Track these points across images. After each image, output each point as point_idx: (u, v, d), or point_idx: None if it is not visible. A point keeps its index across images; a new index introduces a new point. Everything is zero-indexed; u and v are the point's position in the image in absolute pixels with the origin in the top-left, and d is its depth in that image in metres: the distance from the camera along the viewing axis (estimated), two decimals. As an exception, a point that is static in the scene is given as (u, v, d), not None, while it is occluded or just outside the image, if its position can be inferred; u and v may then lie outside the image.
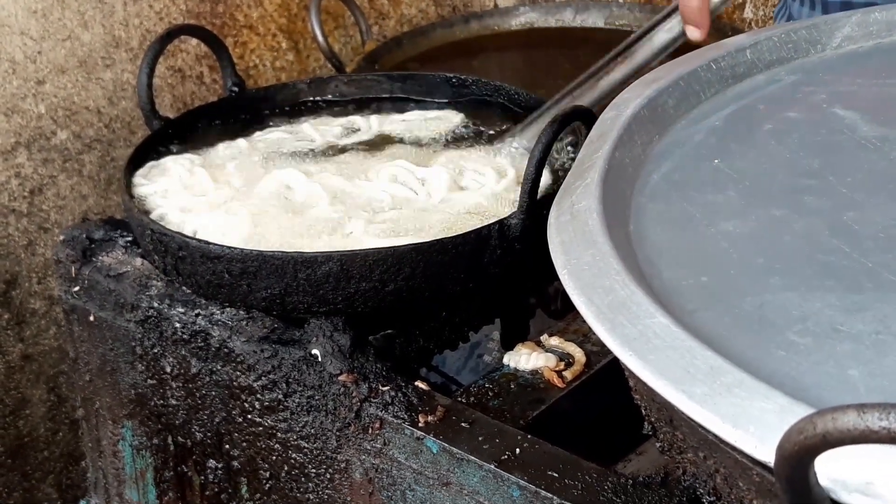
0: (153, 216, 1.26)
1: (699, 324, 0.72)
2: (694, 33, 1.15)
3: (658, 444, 0.79)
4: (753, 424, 0.61)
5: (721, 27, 1.99)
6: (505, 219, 1.14)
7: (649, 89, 0.97)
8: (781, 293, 0.75)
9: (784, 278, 0.77)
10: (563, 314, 1.45)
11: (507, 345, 1.40)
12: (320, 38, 1.95)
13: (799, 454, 0.53)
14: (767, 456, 0.59)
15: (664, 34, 1.21)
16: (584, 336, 1.20)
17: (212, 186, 1.29)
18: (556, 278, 1.38)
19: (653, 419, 0.77)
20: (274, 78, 2.16)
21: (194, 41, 2.01)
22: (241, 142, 1.39)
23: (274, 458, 1.20)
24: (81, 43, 1.88)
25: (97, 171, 1.95)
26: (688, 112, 0.98)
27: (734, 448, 0.63)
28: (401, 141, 1.39)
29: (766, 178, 0.89)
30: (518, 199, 1.14)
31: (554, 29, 2.14)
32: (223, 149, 1.38)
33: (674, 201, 0.86)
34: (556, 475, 1.00)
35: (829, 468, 0.56)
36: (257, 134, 1.41)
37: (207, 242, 1.14)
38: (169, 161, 1.35)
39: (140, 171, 1.33)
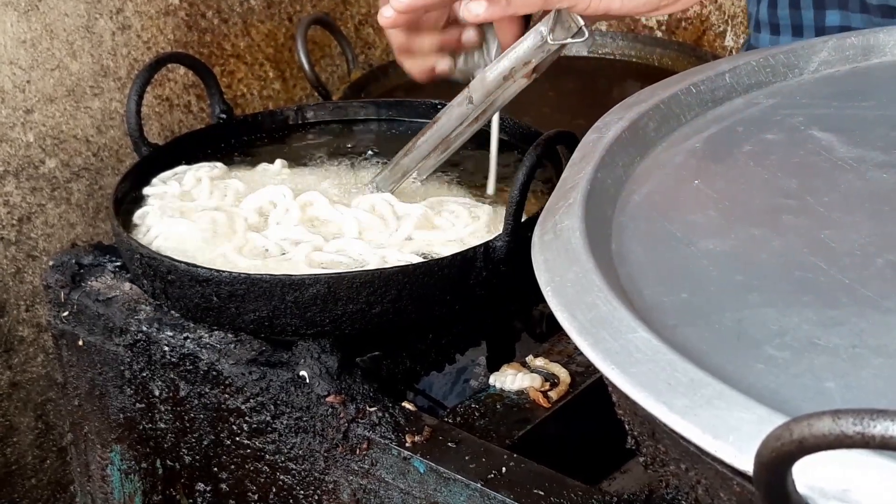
0: (138, 213, 1.29)
1: (680, 339, 0.74)
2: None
3: (641, 459, 0.80)
4: (733, 434, 0.63)
5: (702, 55, 2.02)
6: (490, 241, 1.16)
7: (630, 112, 0.98)
8: (760, 309, 0.77)
9: (762, 294, 0.78)
10: (548, 336, 1.47)
11: (494, 368, 1.41)
12: (307, 67, 1.96)
13: (776, 461, 0.55)
14: (747, 465, 0.60)
15: (456, 108, 1.25)
16: (569, 357, 1.21)
17: (206, 196, 1.30)
18: (542, 301, 1.40)
19: (636, 433, 0.78)
20: (261, 107, 2.18)
21: (182, 70, 2.03)
22: (278, 162, 1.41)
23: (262, 480, 1.21)
24: (70, 72, 1.90)
25: (85, 199, 1.96)
26: (668, 135, 0.99)
27: (714, 458, 0.64)
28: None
29: (746, 198, 0.91)
30: (478, 243, 1.17)
31: (538, 57, 2.16)
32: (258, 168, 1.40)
33: (655, 221, 0.88)
34: (542, 493, 1.01)
35: (806, 476, 0.58)
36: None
37: (195, 266, 1.16)
38: (193, 168, 1.37)
39: (164, 174, 1.37)
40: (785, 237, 0.84)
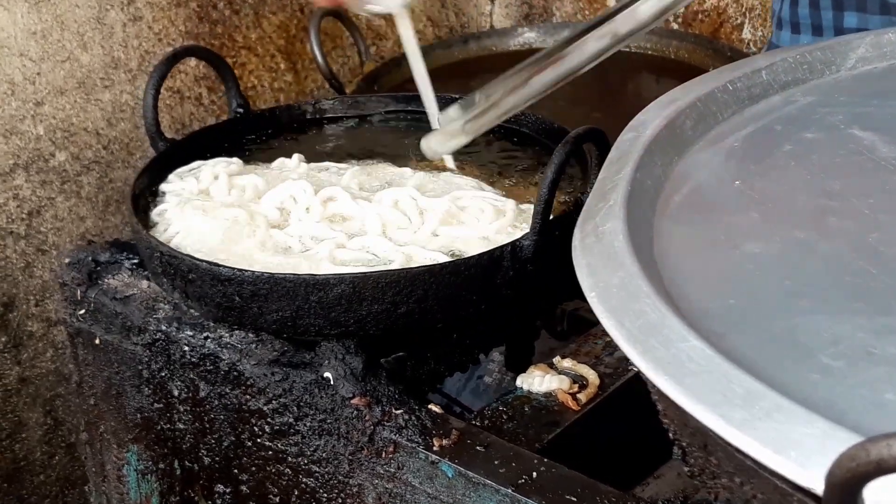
0: (156, 211, 1.27)
1: (730, 347, 0.71)
2: None
3: (688, 469, 0.78)
4: (795, 450, 0.60)
5: (720, 48, 2.00)
6: (517, 240, 1.14)
7: (667, 110, 0.96)
8: (811, 316, 0.74)
9: (812, 301, 0.76)
10: (568, 335, 1.45)
11: (512, 366, 1.39)
12: (320, 59, 1.94)
13: (850, 481, 0.53)
14: (810, 482, 0.58)
15: (595, 42, 1.15)
16: (597, 358, 1.19)
17: (225, 192, 1.28)
18: (568, 299, 1.38)
19: (684, 444, 0.76)
20: (272, 99, 2.16)
21: (193, 62, 2.00)
22: (295, 157, 1.38)
23: (284, 482, 1.18)
24: (80, 64, 1.87)
25: (95, 192, 1.93)
26: (705, 133, 0.97)
27: (775, 474, 0.62)
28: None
29: (788, 199, 0.88)
30: (505, 239, 1.15)
31: (552, 49, 2.13)
32: (276, 163, 1.38)
33: (696, 223, 0.86)
34: (574, 500, 0.99)
35: (877, 497, 0.56)
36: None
37: (217, 265, 1.13)
38: (210, 163, 1.35)
39: (180, 170, 1.34)
40: (832, 240, 0.82)
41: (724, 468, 0.70)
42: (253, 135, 1.46)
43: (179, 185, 1.30)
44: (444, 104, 1.48)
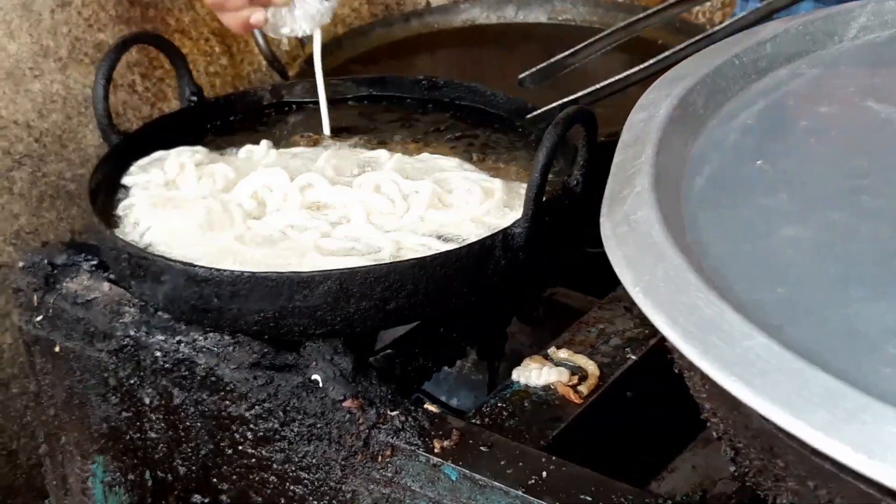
0: (122, 205, 1.21)
1: (790, 340, 0.67)
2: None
3: (735, 470, 0.74)
4: (891, 453, 0.56)
5: (671, 20, 1.96)
6: (509, 228, 1.09)
7: (677, 88, 0.91)
8: (867, 303, 0.70)
9: (865, 287, 0.72)
10: (544, 322, 1.40)
11: (484, 355, 1.34)
12: (262, 42, 1.87)
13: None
14: (913, 487, 0.54)
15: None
16: (592, 347, 1.15)
17: (194, 183, 1.21)
18: (553, 286, 1.33)
19: (738, 445, 0.71)
20: (208, 83, 2.07)
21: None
22: (263, 143, 1.32)
23: (269, 490, 1.12)
24: (7, 53, 1.77)
25: (28, 188, 1.84)
26: (717, 110, 0.93)
27: (863, 478, 0.58)
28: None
29: (816, 179, 0.84)
30: (496, 222, 1.11)
31: (496, 25, 2.09)
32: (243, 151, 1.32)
33: (725, 207, 0.81)
34: (589, 499, 0.95)
35: None
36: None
37: (193, 265, 1.07)
38: (173, 153, 1.28)
39: (141, 161, 1.28)
40: (870, 221, 0.78)
41: (793, 472, 0.66)
42: (209, 124, 1.39)
43: (144, 178, 1.23)
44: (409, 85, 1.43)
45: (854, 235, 0.77)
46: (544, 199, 1.10)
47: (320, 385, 1.06)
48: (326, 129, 1.35)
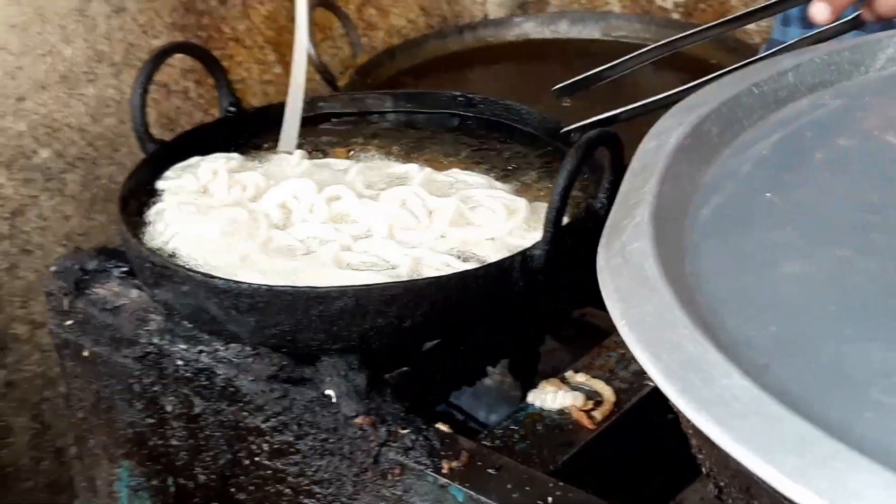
0: (154, 210, 1.22)
1: (774, 381, 0.66)
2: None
3: (723, 506, 0.73)
4: (856, 500, 0.55)
5: (724, 39, 1.94)
6: (527, 249, 1.08)
7: (692, 116, 0.90)
8: (860, 343, 0.69)
9: (860, 327, 0.71)
10: (577, 340, 1.39)
11: (518, 374, 1.34)
12: (312, 51, 1.88)
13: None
14: (875, 538, 0.53)
15: None
16: (611, 372, 1.14)
17: (224, 190, 1.22)
18: (579, 307, 1.33)
19: (721, 483, 0.71)
20: (261, 92, 2.09)
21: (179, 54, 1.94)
22: (297, 153, 1.33)
23: (284, 502, 1.13)
24: (63, 58, 1.80)
25: (80, 190, 1.87)
26: (732, 140, 0.92)
27: (832, 526, 0.57)
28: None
29: (826, 213, 0.83)
30: (518, 242, 1.11)
31: (550, 41, 2.08)
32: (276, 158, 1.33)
33: (729, 239, 0.80)
34: (593, 526, 0.94)
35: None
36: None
37: (213, 276, 1.08)
38: (208, 159, 1.29)
39: (178, 165, 1.29)
40: (877, 259, 0.77)
41: (770, 513, 0.65)
42: (246, 133, 1.40)
43: (177, 183, 1.25)
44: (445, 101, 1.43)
45: (858, 273, 0.76)
46: (567, 220, 1.10)
47: (333, 400, 1.06)
48: (290, 145, 1.35)
